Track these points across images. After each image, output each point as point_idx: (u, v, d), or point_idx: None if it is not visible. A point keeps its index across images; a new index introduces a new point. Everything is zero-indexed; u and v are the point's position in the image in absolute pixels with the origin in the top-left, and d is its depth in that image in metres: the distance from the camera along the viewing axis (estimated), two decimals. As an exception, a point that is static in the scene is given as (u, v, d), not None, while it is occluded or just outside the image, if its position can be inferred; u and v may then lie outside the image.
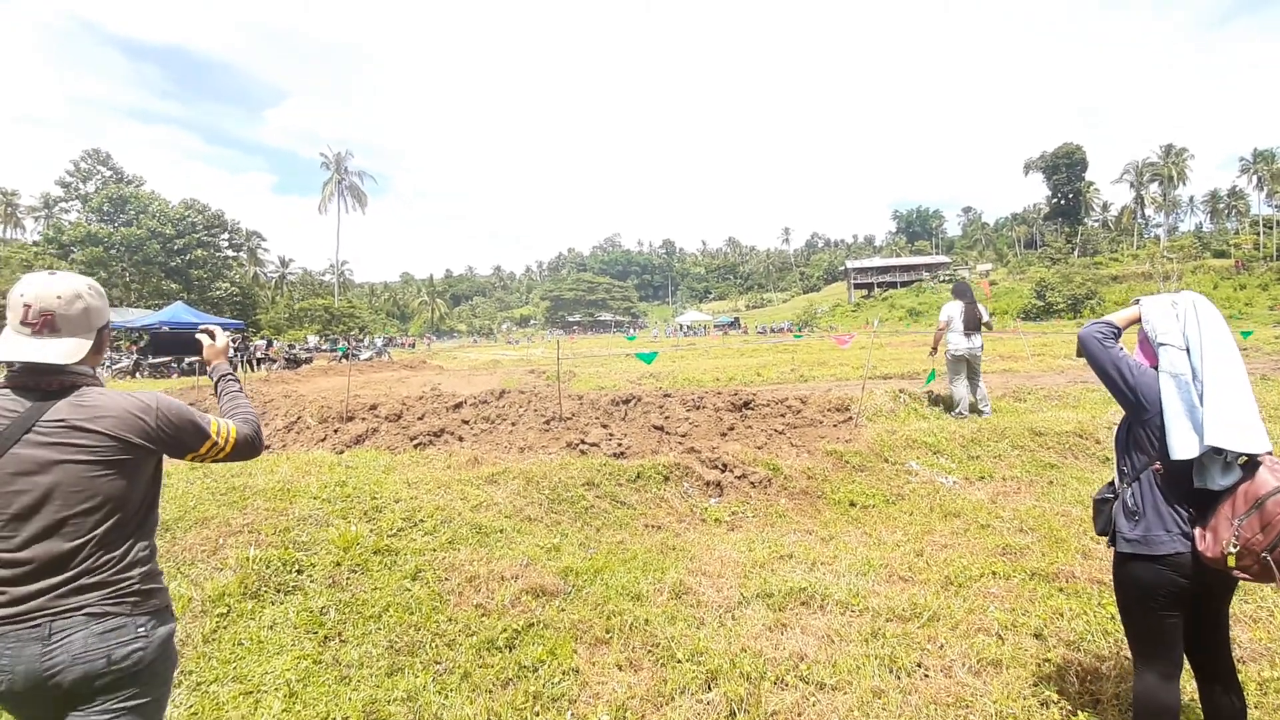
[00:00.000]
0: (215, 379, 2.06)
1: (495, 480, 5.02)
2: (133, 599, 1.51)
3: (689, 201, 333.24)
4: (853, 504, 5.06)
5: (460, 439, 7.80)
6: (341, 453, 7.84)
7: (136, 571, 1.53)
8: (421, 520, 4.22)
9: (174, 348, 21.79)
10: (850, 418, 7.55)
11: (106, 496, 1.48)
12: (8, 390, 1.49)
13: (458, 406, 8.52)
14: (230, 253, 53.43)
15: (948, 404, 7.66)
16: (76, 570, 1.44)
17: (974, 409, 7.56)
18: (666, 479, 5.25)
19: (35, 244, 45.31)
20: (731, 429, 7.50)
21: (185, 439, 1.64)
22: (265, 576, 3.36)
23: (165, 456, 1.66)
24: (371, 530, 4.01)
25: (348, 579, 3.46)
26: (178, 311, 23.38)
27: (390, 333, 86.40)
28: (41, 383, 1.50)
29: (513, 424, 7.96)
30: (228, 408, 1.92)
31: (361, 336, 54.32)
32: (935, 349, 8.34)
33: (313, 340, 43.15)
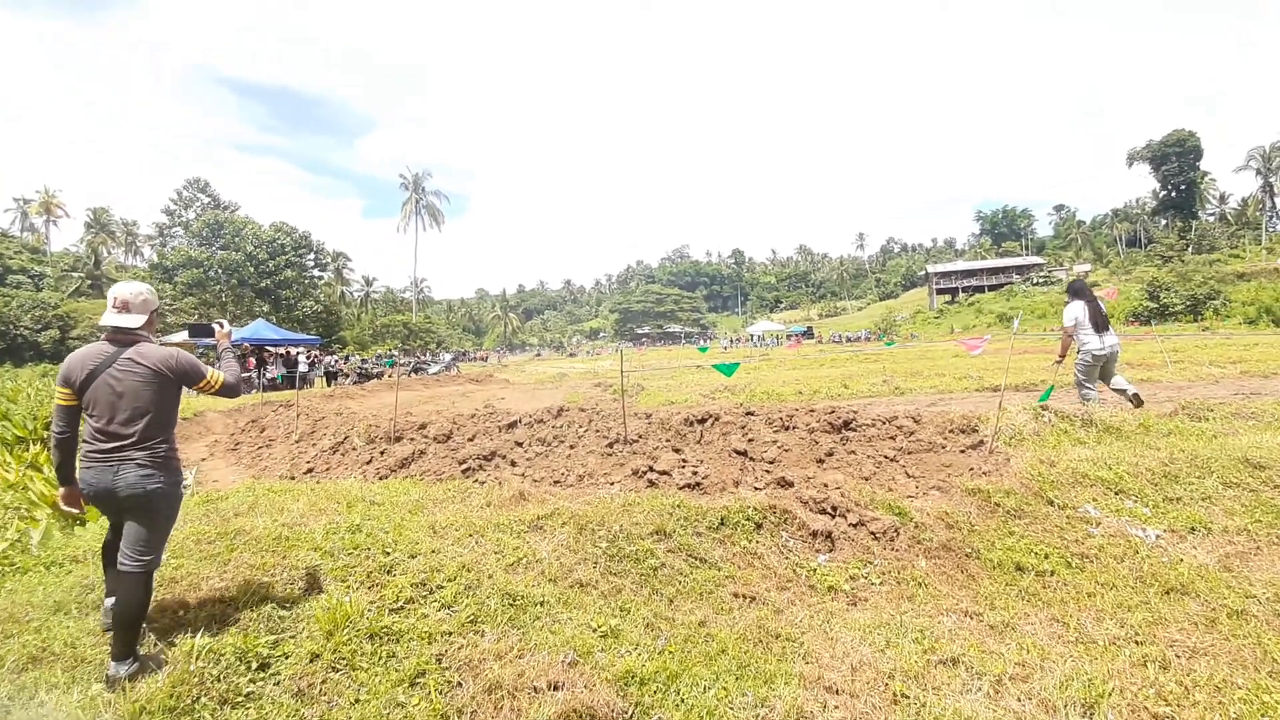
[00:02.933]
0: (220, 351, 3.21)
1: (541, 526, 3.97)
2: (160, 459, 2.72)
3: (758, 210, 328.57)
4: (1020, 568, 3.69)
5: (512, 463, 6.86)
6: (385, 477, 7.08)
7: (163, 444, 2.75)
8: (440, 585, 3.22)
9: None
10: (981, 441, 6.09)
11: (149, 402, 2.70)
12: (105, 342, 2.75)
13: (511, 426, 7.61)
14: (316, 272, 55.94)
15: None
16: (133, 440, 2.66)
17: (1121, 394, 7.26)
18: (759, 526, 4.05)
19: (146, 270, 48.91)
20: (830, 454, 6.21)
21: (191, 376, 2.82)
22: (209, 681, 2.42)
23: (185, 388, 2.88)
24: (373, 602, 3.03)
25: (323, 683, 2.48)
26: (259, 328, 24.04)
27: (465, 347, 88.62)
28: (121, 338, 2.76)
29: (571, 447, 6.96)
30: (224, 365, 3.06)
31: (438, 351, 55.57)
32: (1064, 356, 7.38)
33: (395, 355, 44.29)
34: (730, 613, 3.25)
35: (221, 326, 3.31)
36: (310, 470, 7.63)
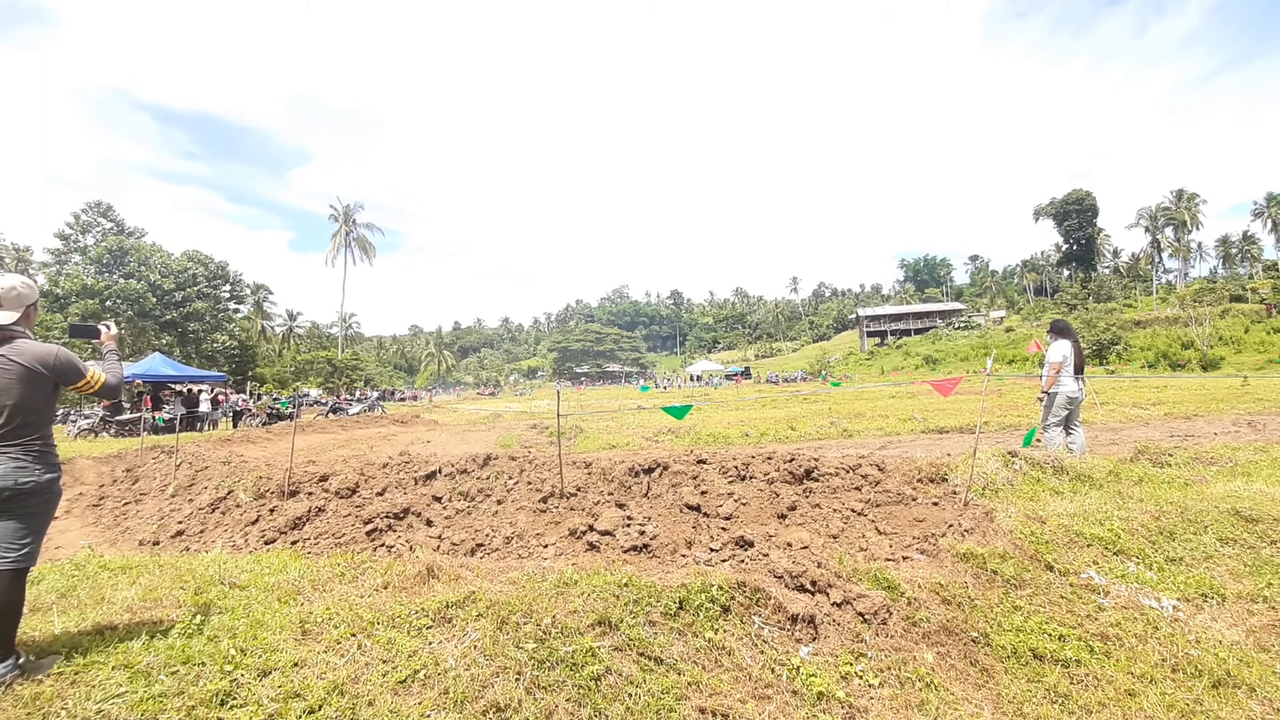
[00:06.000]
0: (104, 352, 3.11)
1: (450, 617, 3.08)
2: (34, 454, 2.64)
3: (696, 252, 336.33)
4: (1038, 656, 3.07)
5: (429, 522, 5.90)
6: (272, 541, 5.95)
7: (38, 440, 2.66)
8: (297, 722, 2.29)
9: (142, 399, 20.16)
10: (953, 491, 5.60)
11: (22, 397, 2.61)
12: None
13: (429, 478, 6.62)
14: (233, 305, 52.29)
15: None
16: (3, 437, 2.58)
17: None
18: (726, 610, 3.29)
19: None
20: (793, 508, 5.57)
21: (69, 375, 2.74)
22: None
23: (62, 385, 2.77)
24: (188, 756, 2.08)
25: None
26: (155, 364, 21.65)
27: (396, 385, 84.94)
28: None
29: (499, 502, 6.05)
30: (105, 366, 2.96)
31: (365, 389, 52.68)
32: (1046, 393, 7.17)
33: (314, 393, 41.46)
34: (698, 742, 2.45)
35: (108, 328, 3.23)
36: (180, 533, 6.37)
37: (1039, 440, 7.29)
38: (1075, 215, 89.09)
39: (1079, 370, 7.14)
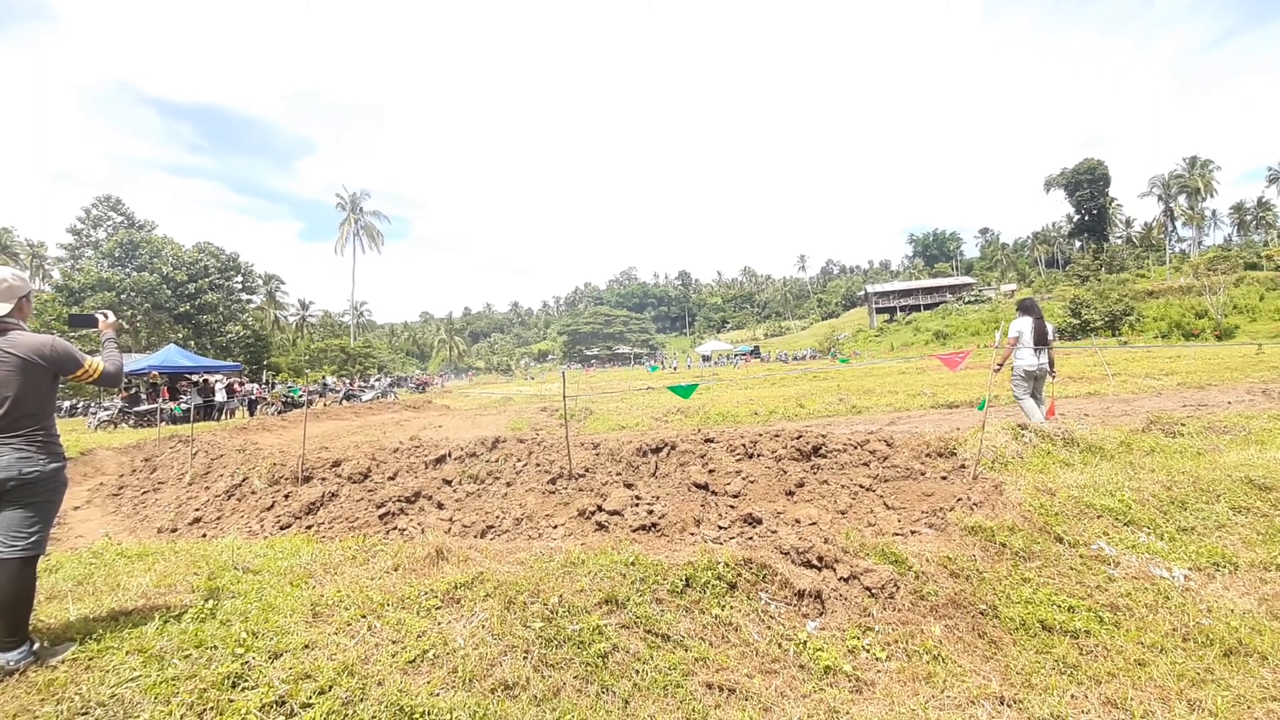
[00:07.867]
0: (104, 340, 3.11)
1: (458, 598, 3.11)
2: (37, 444, 2.67)
3: (703, 232, 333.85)
4: (1047, 628, 3.06)
5: (439, 505, 5.95)
6: (287, 526, 6.04)
7: (40, 431, 2.69)
8: (307, 703, 2.33)
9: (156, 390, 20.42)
10: (962, 465, 5.56)
11: (21, 388, 2.63)
12: None
13: (439, 461, 6.66)
14: (245, 296, 52.60)
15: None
16: (5, 429, 2.60)
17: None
18: (733, 587, 3.30)
19: (51, 293, 44.85)
20: (800, 485, 5.56)
21: (67, 364, 2.78)
22: None
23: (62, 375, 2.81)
24: (201, 737, 2.12)
25: None
26: (171, 355, 21.93)
27: (409, 371, 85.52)
28: None
29: (508, 484, 6.09)
30: (104, 354, 2.99)
31: (379, 375, 53.09)
32: (1001, 366, 7.27)
33: (329, 381, 41.81)
34: (705, 717, 2.47)
35: (106, 317, 3.26)
36: (198, 520, 6.48)
37: (1031, 416, 7.33)
38: (1087, 185, 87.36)
39: (1040, 343, 7.36)
